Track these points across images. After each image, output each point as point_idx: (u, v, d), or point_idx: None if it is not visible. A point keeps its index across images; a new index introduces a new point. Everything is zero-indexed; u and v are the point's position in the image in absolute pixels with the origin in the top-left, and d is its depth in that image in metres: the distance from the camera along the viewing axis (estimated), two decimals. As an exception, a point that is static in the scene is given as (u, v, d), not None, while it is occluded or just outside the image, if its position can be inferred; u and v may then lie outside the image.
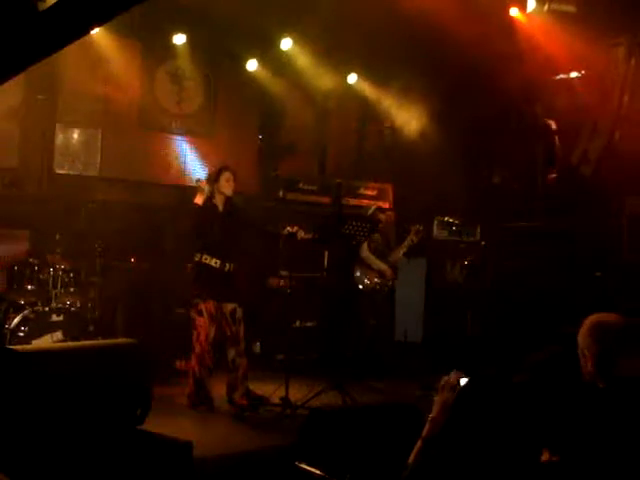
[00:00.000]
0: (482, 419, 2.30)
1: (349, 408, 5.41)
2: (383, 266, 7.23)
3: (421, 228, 7.32)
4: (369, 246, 7.23)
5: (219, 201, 5.67)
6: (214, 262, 5.56)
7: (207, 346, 5.52)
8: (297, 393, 5.61)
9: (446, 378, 2.50)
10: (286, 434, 4.78)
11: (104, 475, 3.31)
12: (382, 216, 7.43)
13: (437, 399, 2.47)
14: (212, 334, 5.55)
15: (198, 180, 5.75)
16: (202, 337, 5.51)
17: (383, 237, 7.47)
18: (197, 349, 5.55)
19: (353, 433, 3.20)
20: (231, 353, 5.60)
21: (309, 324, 7.36)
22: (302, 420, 4.60)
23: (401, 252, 7.31)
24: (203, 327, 5.51)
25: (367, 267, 7.23)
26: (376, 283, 7.21)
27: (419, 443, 2.41)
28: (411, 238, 7.30)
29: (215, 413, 5.45)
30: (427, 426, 2.44)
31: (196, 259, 5.62)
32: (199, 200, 5.58)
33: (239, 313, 5.64)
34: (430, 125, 8.82)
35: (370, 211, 7.34)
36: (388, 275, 7.25)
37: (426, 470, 2.32)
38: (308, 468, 2.81)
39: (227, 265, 5.59)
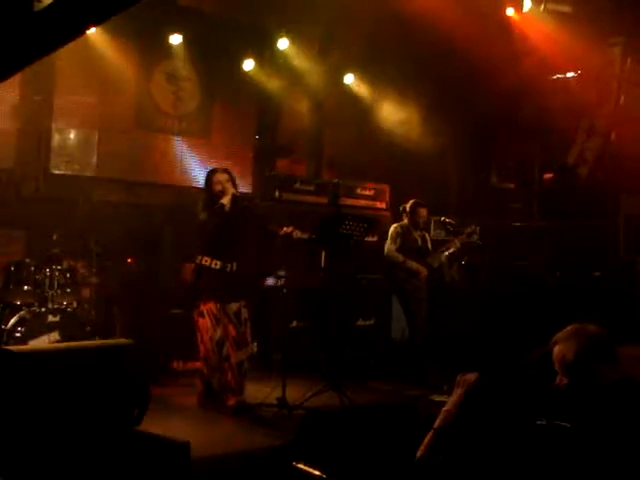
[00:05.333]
0: (491, 413, 2.33)
1: (347, 408, 5.41)
2: (415, 265, 6.91)
3: (477, 229, 7.02)
4: (402, 247, 6.96)
5: (226, 201, 5.54)
6: (214, 264, 5.50)
7: (212, 346, 5.44)
8: (294, 394, 5.61)
9: (462, 374, 2.52)
10: (283, 434, 4.78)
11: (101, 476, 3.31)
12: (423, 210, 7.06)
13: (453, 393, 2.50)
14: (217, 335, 5.45)
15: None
16: (205, 338, 5.46)
17: (423, 237, 7.16)
18: (201, 351, 5.50)
19: (351, 433, 3.20)
20: (239, 356, 5.50)
21: (306, 324, 7.36)
22: (299, 420, 4.61)
23: (443, 257, 7.05)
24: (205, 328, 5.46)
25: (399, 268, 6.96)
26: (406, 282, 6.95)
27: (430, 434, 2.44)
28: (459, 240, 6.99)
29: (213, 414, 5.44)
30: (439, 418, 2.46)
31: (196, 261, 5.56)
32: (225, 200, 5.51)
33: (244, 313, 5.55)
34: (427, 125, 8.83)
35: (409, 205, 7.05)
36: (422, 275, 6.90)
37: (437, 461, 2.35)
38: (306, 468, 2.81)
39: (229, 266, 5.53)
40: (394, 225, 7.18)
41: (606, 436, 2.23)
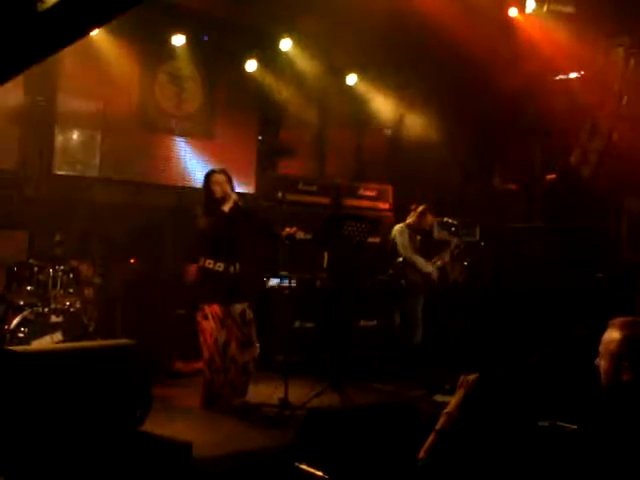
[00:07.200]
0: (492, 415, 2.32)
1: (349, 409, 5.41)
2: (430, 268, 6.99)
3: (462, 245, 7.13)
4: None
5: (227, 209, 5.53)
6: (217, 266, 5.49)
7: (217, 348, 5.43)
8: (296, 394, 5.61)
9: (465, 375, 2.51)
10: (285, 435, 4.78)
11: (103, 476, 3.31)
12: (430, 217, 7.16)
13: (455, 395, 2.49)
14: (222, 337, 5.45)
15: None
16: (210, 341, 5.44)
17: (421, 241, 7.20)
18: (205, 354, 5.48)
19: (353, 434, 3.20)
20: (245, 357, 5.50)
21: (309, 325, 7.36)
22: (301, 421, 4.61)
23: (436, 265, 7.10)
24: (209, 331, 5.45)
25: (412, 268, 6.99)
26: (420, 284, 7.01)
27: (432, 436, 2.43)
28: (448, 255, 7.09)
29: (215, 414, 5.44)
30: (441, 419, 2.46)
31: (199, 264, 5.56)
32: (227, 207, 5.51)
33: (249, 314, 5.55)
34: (429, 126, 8.83)
35: (420, 208, 7.10)
36: (433, 278, 7.00)
37: (439, 463, 2.34)
38: (307, 469, 2.82)
39: (232, 267, 5.52)
40: (400, 225, 7.16)
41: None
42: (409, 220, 7.17)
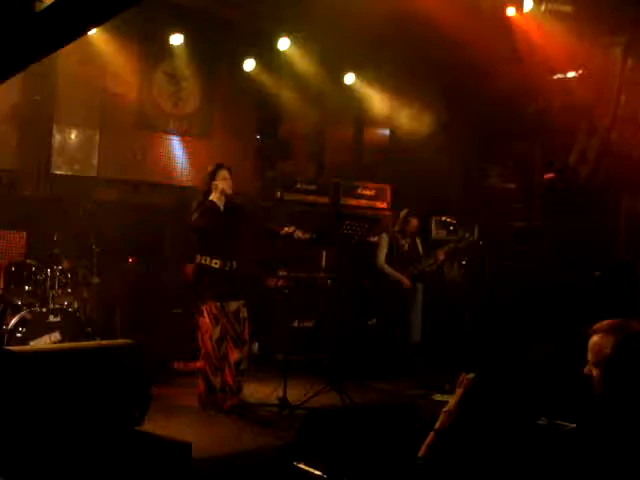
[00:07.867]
0: (491, 413, 2.33)
1: (347, 408, 5.42)
2: (398, 276, 7.08)
3: (457, 245, 7.25)
4: (390, 253, 7.13)
5: (219, 200, 5.57)
6: (214, 263, 5.51)
7: (212, 345, 5.46)
8: (295, 393, 5.61)
9: (464, 374, 2.50)
10: (284, 434, 4.78)
11: (103, 476, 3.31)
12: (414, 221, 7.28)
13: (455, 393, 2.49)
14: (217, 334, 5.47)
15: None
16: (206, 337, 5.47)
17: (412, 243, 7.31)
18: (203, 350, 5.51)
19: (352, 433, 3.20)
20: (236, 355, 5.50)
21: (307, 324, 7.36)
22: (300, 420, 4.61)
23: (428, 264, 7.22)
24: (205, 328, 5.48)
25: (382, 275, 7.13)
26: (391, 289, 7.11)
27: (432, 435, 2.43)
28: (442, 253, 7.18)
29: (214, 414, 5.44)
30: (441, 418, 2.46)
31: (196, 261, 5.58)
32: (214, 197, 5.52)
33: (244, 312, 5.56)
34: (428, 125, 8.83)
35: (402, 214, 7.24)
36: (405, 285, 7.08)
37: (438, 461, 2.34)
38: (306, 468, 2.82)
39: (228, 264, 5.54)
40: (383, 234, 7.30)
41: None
42: (395, 227, 7.27)
